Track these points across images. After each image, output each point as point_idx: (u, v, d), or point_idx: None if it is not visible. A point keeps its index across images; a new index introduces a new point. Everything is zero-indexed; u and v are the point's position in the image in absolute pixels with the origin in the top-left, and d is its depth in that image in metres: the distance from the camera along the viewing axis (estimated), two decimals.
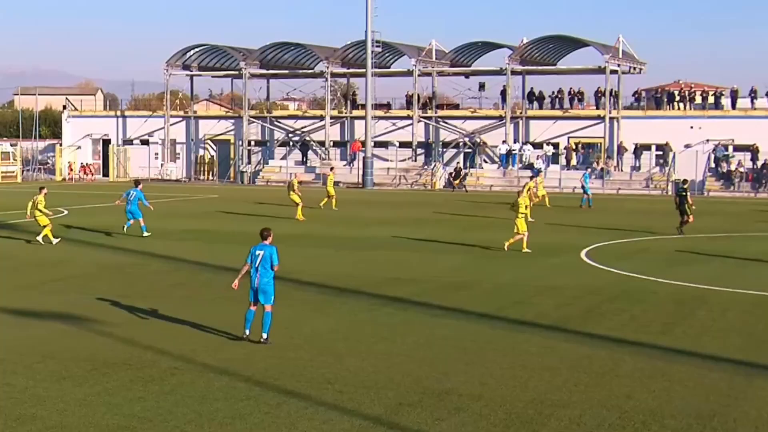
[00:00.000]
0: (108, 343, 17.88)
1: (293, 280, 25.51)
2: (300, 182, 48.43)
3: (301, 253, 31.67)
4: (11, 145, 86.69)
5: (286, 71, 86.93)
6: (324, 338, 18.39)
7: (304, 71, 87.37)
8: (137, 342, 17.89)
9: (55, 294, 23.54)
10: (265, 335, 17.66)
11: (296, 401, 14.12)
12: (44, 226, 33.69)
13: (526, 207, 33.04)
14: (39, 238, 33.51)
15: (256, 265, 17.75)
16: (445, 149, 79.13)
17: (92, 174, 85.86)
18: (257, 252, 17.85)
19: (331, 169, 57.00)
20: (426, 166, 77.21)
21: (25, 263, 29.20)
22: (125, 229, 36.64)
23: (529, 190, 44.65)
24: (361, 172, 75.61)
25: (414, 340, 18.41)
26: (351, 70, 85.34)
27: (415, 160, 78.27)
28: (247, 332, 17.88)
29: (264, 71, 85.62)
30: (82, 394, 14.40)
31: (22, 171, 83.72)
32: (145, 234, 36.03)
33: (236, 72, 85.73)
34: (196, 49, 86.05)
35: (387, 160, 78.37)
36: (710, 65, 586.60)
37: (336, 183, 72.55)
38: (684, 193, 38.67)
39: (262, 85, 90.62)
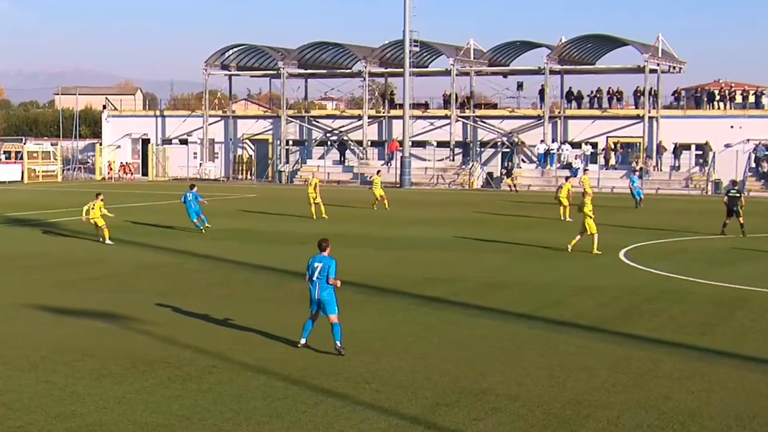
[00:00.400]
0: (146, 341, 17.98)
1: None
2: (320, 181, 48.18)
3: (339, 253, 31.57)
4: (52, 145, 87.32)
5: (324, 71, 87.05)
6: (361, 337, 18.39)
7: (342, 71, 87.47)
8: (175, 340, 17.98)
9: (94, 292, 23.70)
10: (338, 343, 17.00)
11: (333, 400, 14.14)
12: (103, 227, 34.38)
13: (591, 208, 32.57)
14: (108, 240, 33.99)
15: (314, 277, 17.22)
16: (483, 149, 78.93)
17: (131, 173, 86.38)
18: (315, 264, 17.34)
19: (378, 172, 56.87)
20: (464, 166, 77.06)
21: (64, 261, 29.42)
22: (203, 231, 38.05)
23: (567, 190, 44.47)
24: (398, 172, 75.54)
25: (451, 339, 18.39)
26: (389, 70, 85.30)
27: (453, 160, 78.12)
28: (303, 341, 17.37)
29: (302, 71, 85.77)
30: (121, 391, 14.49)
31: (63, 170, 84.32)
32: (205, 226, 38.37)
33: (274, 72, 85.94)
34: (235, 49, 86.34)
35: (425, 160, 78.26)
36: (751, 64, 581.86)
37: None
38: (738, 195, 38.22)
39: (300, 85, 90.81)
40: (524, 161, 77.07)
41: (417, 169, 76.23)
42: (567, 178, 51.61)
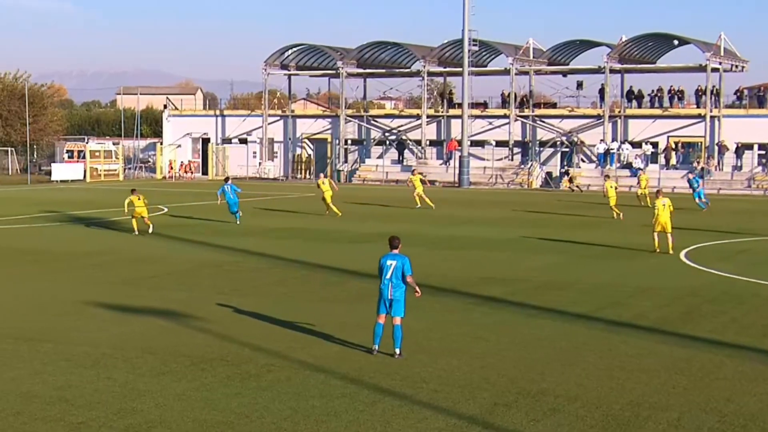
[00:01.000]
0: (206, 339, 18.11)
1: None
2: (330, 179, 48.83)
3: None
4: (114, 144, 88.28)
5: (383, 70, 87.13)
6: (418, 337, 18.38)
7: (401, 70, 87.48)
8: (234, 338, 18.09)
9: (154, 290, 23.93)
10: (398, 350, 16.71)
11: (391, 399, 14.15)
12: (143, 217, 36.96)
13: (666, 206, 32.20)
14: (150, 230, 36.71)
15: (388, 276, 16.80)
16: (542, 148, 78.55)
17: (192, 172, 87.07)
18: (388, 262, 16.92)
19: (413, 171, 57.04)
20: (522, 166, 76.76)
21: (125, 259, 29.74)
22: (238, 221, 41.00)
23: (610, 188, 44.55)
24: (457, 171, 75.45)
25: (509, 340, 18.33)
26: (448, 69, 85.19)
27: (512, 160, 77.84)
28: (376, 347, 16.92)
29: (361, 70, 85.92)
30: (180, 389, 14.61)
31: (124, 169, 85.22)
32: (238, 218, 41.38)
33: (333, 71, 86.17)
34: (294, 49, 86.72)
35: (483, 159, 78.05)
36: None
37: (432, 182, 72.65)
38: None
39: (359, 84, 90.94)
40: (584, 161, 76.58)
41: (475, 169, 76.04)
42: (606, 177, 51.76)
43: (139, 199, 37.38)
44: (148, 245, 33.41)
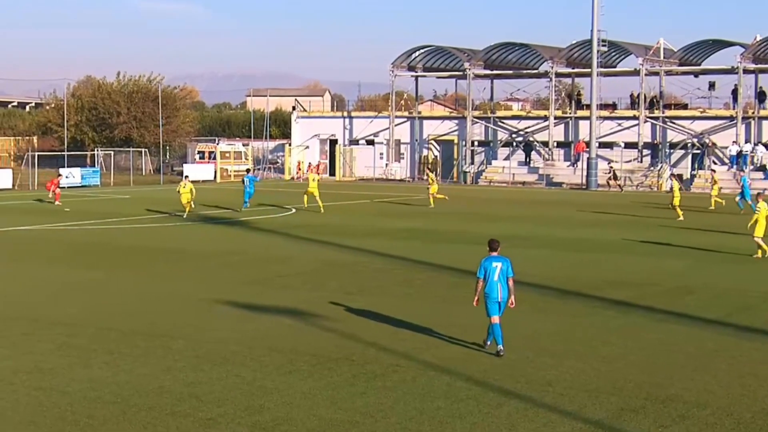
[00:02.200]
0: (332, 338, 18.28)
1: (515, 281, 25.43)
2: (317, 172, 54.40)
3: (521, 254, 31.54)
4: (243, 145, 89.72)
5: (510, 71, 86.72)
6: (544, 340, 18.26)
7: (528, 71, 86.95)
8: (360, 338, 18.22)
9: (282, 289, 24.24)
10: (501, 346, 16.86)
11: (516, 402, 14.09)
12: (186, 204, 44.13)
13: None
14: (185, 216, 43.32)
15: (496, 278, 17.02)
16: (672, 150, 77.22)
17: (319, 173, 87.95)
18: (494, 264, 17.15)
19: (429, 168, 58.23)
20: (652, 168, 75.56)
21: (253, 259, 30.19)
22: (244, 208, 47.34)
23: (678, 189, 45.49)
24: (584, 173, 74.68)
25: (636, 344, 18.07)
26: (576, 70, 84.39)
27: (641, 161, 76.70)
28: (501, 347, 16.88)
29: (488, 71, 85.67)
30: (307, 387, 14.78)
31: (253, 170, 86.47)
32: (245, 209, 47.40)
33: (460, 72, 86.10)
34: (421, 51, 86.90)
35: (612, 161, 77.10)
36: None
37: (559, 184, 72.28)
38: None
39: (486, 86, 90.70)
40: (715, 163, 74.99)
41: (604, 171, 75.14)
42: (672, 176, 52.03)
43: (185, 187, 44.41)
44: (275, 245, 33.88)
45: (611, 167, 74.90)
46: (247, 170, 52.52)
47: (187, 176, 48.37)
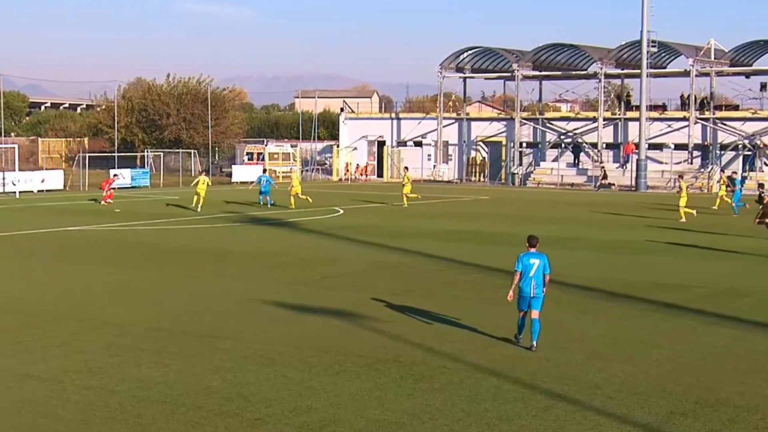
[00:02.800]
0: (379, 339, 18.28)
1: (561, 283, 25.33)
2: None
3: (569, 256, 31.40)
4: (291, 146, 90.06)
5: (559, 72, 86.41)
6: (592, 342, 18.15)
7: (577, 72, 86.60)
8: (408, 339, 18.21)
9: (330, 290, 24.28)
10: (535, 343, 17.27)
11: (564, 405, 14.00)
12: (200, 197, 48.68)
13: None
14: (199, 209, 48.01)
15: (532, 274, 17.39)
16: (723, 152, 76.53)
17: (367, 175, 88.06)
18: (532, 260, 17.52)
19: (406, 168, 61.46)
20: (702, 169, 74.93)
21: (300, 260, 30.27)
22: (261, 205, 51.24)
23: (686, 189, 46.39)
24: (634, 175, 74.22)
25: (686, 347, 17.90)
26: (625, 71, 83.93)
27: (691, 163, 76.11)
28: (535, 342, 17.31)
29: (536, 73, 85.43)
30: (354, 388, 14.79)
31: (301, 171, 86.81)
32: (270, 204, 51.13)
33: (509, 74, 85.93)
34: (469, 52, 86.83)
35: (661, 163, 76.57)
36: None
37: (610, 185, 71.88)
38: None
39: (534, 87, 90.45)
40: (766, 164, 74.25)
41: (653, 172, 74.68)
42: (680, 176, 52.49)
43: (203, 183, 49.39)
44: (323, 246, 33.96)
45: (602, 167, 76.71)
46: (264, 170, 57.87)
47: (202, 172, 55.80)
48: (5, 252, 32.22)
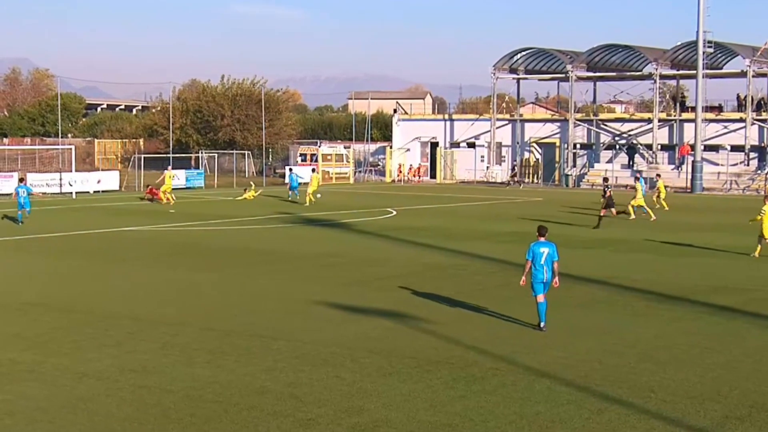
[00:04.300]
0: (431, 341, 18.26)
1: (615, 285, 25.18)
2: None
3: (623, 259, 31.18)
4: (345, 148, 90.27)
5: (614, 73, 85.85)
6: (647, 345, 18.00)
7: (632, 73, 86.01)
8: (460, 341, 18.17)
9: (382, 291, 24.29)
10: (544, 323, 19.19)
11: (618, 408, 13.90)
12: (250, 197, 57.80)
13: None
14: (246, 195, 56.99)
15: (542, 261, 19.21)
16: None
17: (420, 176, 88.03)
18: (542, 249, 19.31)
19: (313, 170, 63.82)
20: (759, 171, 74.08)
21: (352, 261, 30.31)
22: (290, 196, 58.82)
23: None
24: (689, 177, 73.54)
25: (742, 351, 17.70)
26: (681, 72, 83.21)
27: (748, 165, 75.27)
28: (544, 324, 19.19)
29: (591, 74, 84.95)
30: (406, 390, 14.78)
31: (355, 172, 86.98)
32: (296, 198, 57.53)
33: (563, 75, 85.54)
34: (523, 53, 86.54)
35: (717, 165, 75.81)
36: None
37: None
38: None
39: (588, 88, 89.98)
40: None
41: (709, 174, 73.95)
42: (659, 176, 53.78)
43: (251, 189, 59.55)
44: (374, 248, 33.99)
45: (514, 165, 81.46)
46: (290, 169, 67.20)
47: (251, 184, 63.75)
48: (61, 252, 32.60)
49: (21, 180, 49.98)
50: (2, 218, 44.75)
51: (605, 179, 50.67)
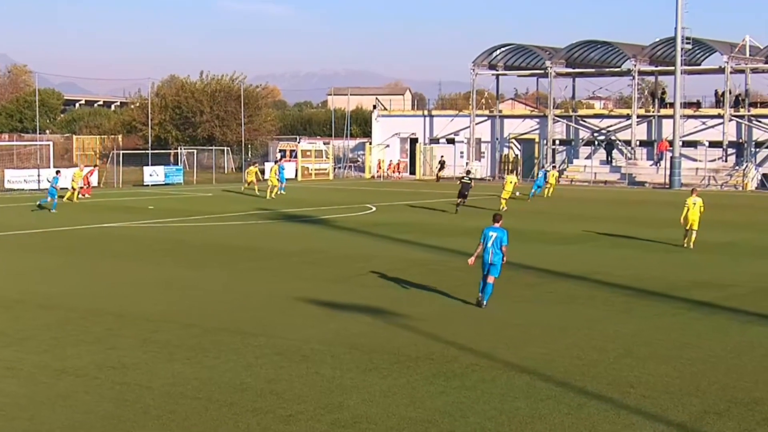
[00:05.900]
0: (412, 336, 18.28)
1: (597, 281, 25.25)
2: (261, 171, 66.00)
3: (606, 254, 31.29)
4: (324, 144, 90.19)
5: (592, 69, 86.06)
6: (626, 341, 18.06)
7: (611, 69, 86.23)
8: (440, 337, 18.20)
9: (363, 288, 24.29)
10: (485, 302, 21.05)
11: (597, 403, 13.95)
12: (252, 183, 58.61)
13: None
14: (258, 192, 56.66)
15: (489, 245, 20.90)
16: (758, 149, 75.97)
17: (399, 172, 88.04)
18: (490, 233, 21.05)
19: (254, 164, 68.56)
20: (737, 167, 74.41)
21: (334, 257, 30.31)
22: (282, 192, 58.90)
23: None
24: (668, 173, 73.80)
25: (721, 346, 17.78)
26: (659, 68, 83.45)
27: (726, 161, 75.59)
28: (485, 302, 21.07)
29: (570, 70, 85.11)
30: (386, 385, 14.79)
31: (334, 168, 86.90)
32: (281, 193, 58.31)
33: (542, 71, 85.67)
34: (502, 49, 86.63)
35: (695, 160, 76.12)
36: None
37: (641, 183, 71.59)
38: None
39: (567, 84, 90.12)
40: None
41: (687, 170, 74.24)
42: (553, 167, 55.43)
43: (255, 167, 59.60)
44: (356, 244, 33.98)
45: (442, 158, 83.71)
46: (278, 160, 68.91)
47: (255, 162, 66.22)
48: (43, 249, 32.48)
49: (57, 172, 53.87)
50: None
51: (468, 171, 54.55)
